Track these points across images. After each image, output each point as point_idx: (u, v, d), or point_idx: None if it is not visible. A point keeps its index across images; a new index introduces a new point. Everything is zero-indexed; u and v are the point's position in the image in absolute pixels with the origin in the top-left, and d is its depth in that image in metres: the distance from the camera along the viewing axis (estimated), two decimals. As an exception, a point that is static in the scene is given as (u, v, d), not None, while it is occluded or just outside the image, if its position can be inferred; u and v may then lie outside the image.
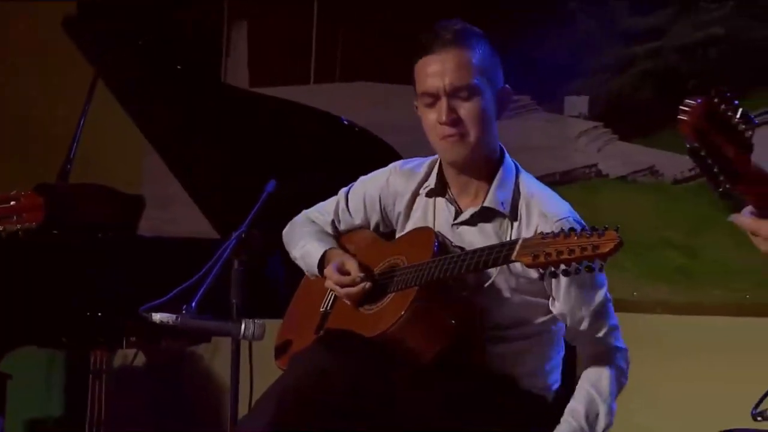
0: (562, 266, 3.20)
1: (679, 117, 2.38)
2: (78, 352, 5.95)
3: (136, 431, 6.06)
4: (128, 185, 6.27)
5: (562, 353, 3.75)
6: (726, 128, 2.37)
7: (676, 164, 5.91)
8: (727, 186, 2.38)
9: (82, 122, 5.88)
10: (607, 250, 3.12)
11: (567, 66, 6.33)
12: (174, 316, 3.79)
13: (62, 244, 4.93)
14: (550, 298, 3.59)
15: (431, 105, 3.62)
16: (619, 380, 3.64)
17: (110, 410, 5.91)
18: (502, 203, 3.61)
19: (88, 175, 6.07)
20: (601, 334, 3.59)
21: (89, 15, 6.94)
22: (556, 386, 3.72)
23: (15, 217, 3.68)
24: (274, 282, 5.40)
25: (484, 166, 3.63)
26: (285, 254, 4.43)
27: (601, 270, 3.20)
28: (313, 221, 4.02)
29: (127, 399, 6.09)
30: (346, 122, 5.55)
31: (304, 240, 3.96)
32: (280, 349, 3.89)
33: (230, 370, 4.06)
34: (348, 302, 3.73)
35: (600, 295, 3.59)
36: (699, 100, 2.35)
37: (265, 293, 5.17)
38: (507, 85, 3.80)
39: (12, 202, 3.70)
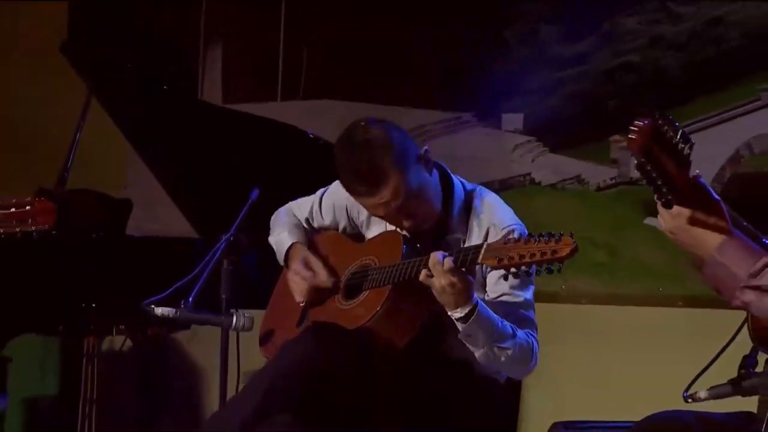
0: (523, 268, 3.25)
1: (628, 137, 2.42)
2: (72, 339, 5.91)
3: (123, 408, 6.04)
4: (115, 187, 6.25)
5: None
6: (668, 147, 2.42)
7: (599, 174, 6.00)
8: (669, 197, 2.45)
9: (78, 134, 5.85)
10: (565, 254, 3.15)
11: (504, 88, 6.32)
12: (174, 310, 3.82)
13: (60, 244, 4.91)
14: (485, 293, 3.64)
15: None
16: (528, 349, 3.60)
17: (101, 389, 5.92)
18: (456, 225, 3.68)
19: (79, 177, 5.95)
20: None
21: (81, 41, 6.93)
22: None
23: (30, 221, 3.69)
24: (249, 277, 5.39)
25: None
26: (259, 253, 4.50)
27: (559, 271, 3.19)
28: (294, 214, 4.02)
29: (115, 380, 6.01)
30: (311, 136, 5.54)
31: (281, 228, 3.98)
32: (264, 338, 3.90)
33: (219, 356, 4.09)
34: (301, 295, 3.77)
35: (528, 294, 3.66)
36: (645, 122, 2.41)
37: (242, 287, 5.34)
38: (419, 150, 3.70)
39: (27, 207, 3.70)
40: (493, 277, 3.59)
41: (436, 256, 3.36)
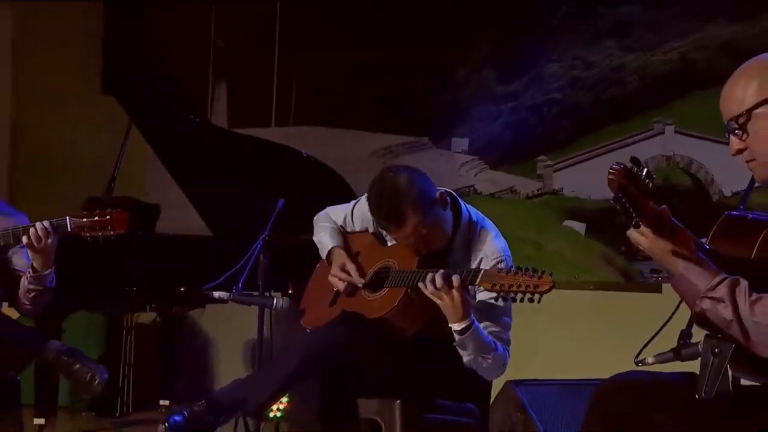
0: (510, 294, 3.24)
1: (608, 176, 2.44)
2: (115, 315, 5.95)
3: (150, 369, 5.99)
4: (139, 195, 6.23)
5: None
6: (637, 183, 2.44)
7: (528, 186, 6.06)
8: (638, 220, 2.47)
9: (122, 154, 5.81)
10: (545, 289, 3.16)
11: (454, 117, 6.37)
12: (228, 294, 3.79)
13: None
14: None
15: None
16: (502, 360, 3.56)
17: (136, 355, 6.10)
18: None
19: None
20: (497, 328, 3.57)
21: (119, 82, 6.71)
22: None
23: (109, 227, 3.77)
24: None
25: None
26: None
27: (539, 302, 3.16)
28: (331, 218, 3.92)
29: (146, 346, 6.07)
30: (305, 155, 5.55)
31: (323, 232, 3.87)
32: (302, 312, 3.85)
33: (257, 328, 4.05)
34: (343, 286, 3.69)
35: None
36: (621, 166, 2.44)
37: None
38: (436, 193, 3.58)
39: (107, 216, 3.78)
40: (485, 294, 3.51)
41: (450, 273, 3.36)
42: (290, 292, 4.89)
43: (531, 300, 3.14)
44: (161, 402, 5.92)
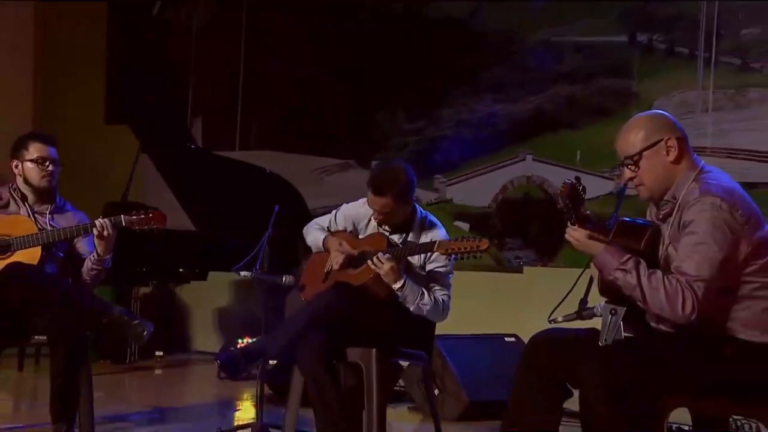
0: (459, 255, 3.33)
1: (560, 188, 2.63)
2: (124, 288, 5.79)
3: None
4: (133, 196, 6.02)
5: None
6: (576, 195, 2.61)
7: (428, 196, 6.01)
8: (574, 219, 2.60)
9: (133, 174, 5.87)
10: (483, 248, 3.26)
11: (374, 147, 6.41)
12: (250, 273, 3.72)
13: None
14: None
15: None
16: (442, 305, 3.55)
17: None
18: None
19: (115, 194, 5.82)
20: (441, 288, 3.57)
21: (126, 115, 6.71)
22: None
23: (152, 223, 3.73)
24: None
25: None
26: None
27: (480, 257, 3.24)
28: (318, 223, 3.85)
29: (145, 311, 5.79)
30: (269, 171, 5.65)
31: (314, 233, 3.81)
32: (302, 288, 3.78)
33: (263, 299, 4.01)
34: (338, 263, 3.62)
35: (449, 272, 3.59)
36: (570, 182, 2.61)
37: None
38: (414, 193, 3.60)
39: (150, 214, 3.72)
40: (438, 259, 3.55)
41: (381, 254, 3.41)
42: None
43: (475, 257, 3.24)
44: (156, 353, 6.06)
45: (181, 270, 5.75)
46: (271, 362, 3.63)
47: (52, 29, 7.21)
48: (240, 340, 5.33)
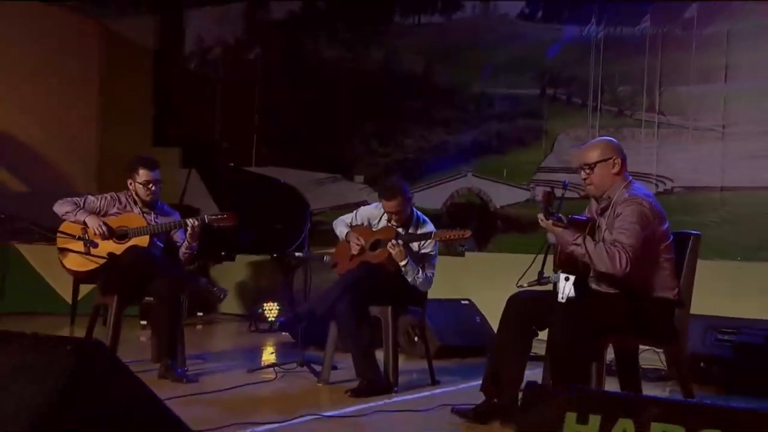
0: (448, 241, 3.43)
1: (542, 193, 2.69)
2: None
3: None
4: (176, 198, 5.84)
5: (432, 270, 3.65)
6: (550, 199, 2.66)
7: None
8: (545, 214, 2.61)
9: (186, 187, 5.79)
10: (467, 236, 3.30)
11: (355, 164, 6.34)
12: (301, 254, 3.73)
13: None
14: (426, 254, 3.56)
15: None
16: (430, 279, 3.60)
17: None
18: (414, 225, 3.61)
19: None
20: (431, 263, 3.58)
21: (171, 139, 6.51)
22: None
23: (227, 222, 3.72)
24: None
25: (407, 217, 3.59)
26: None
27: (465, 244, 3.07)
28: (344, 220, 3.80)
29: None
30: (282, 181, 5.78)
31: (341, 227, 3.76)
32: (335, 265, 3.74)
33: (304, 275, 3.99)
34: (356, 250, 3.61)
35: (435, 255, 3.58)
36: (547, 190, 2.67)
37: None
38: (412, 200, 3.59)
39: (225, 215, 3.75)
40: (428, 246, 3.58)
41: (396, 240, 3.48)
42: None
43: (462, 244, 3.33)
44: (198, 313, 5.94)
45: (222, 253, 5.74)
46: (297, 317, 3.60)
47: (112, 68, 7.12)
48: (265, 304, 5.34)
